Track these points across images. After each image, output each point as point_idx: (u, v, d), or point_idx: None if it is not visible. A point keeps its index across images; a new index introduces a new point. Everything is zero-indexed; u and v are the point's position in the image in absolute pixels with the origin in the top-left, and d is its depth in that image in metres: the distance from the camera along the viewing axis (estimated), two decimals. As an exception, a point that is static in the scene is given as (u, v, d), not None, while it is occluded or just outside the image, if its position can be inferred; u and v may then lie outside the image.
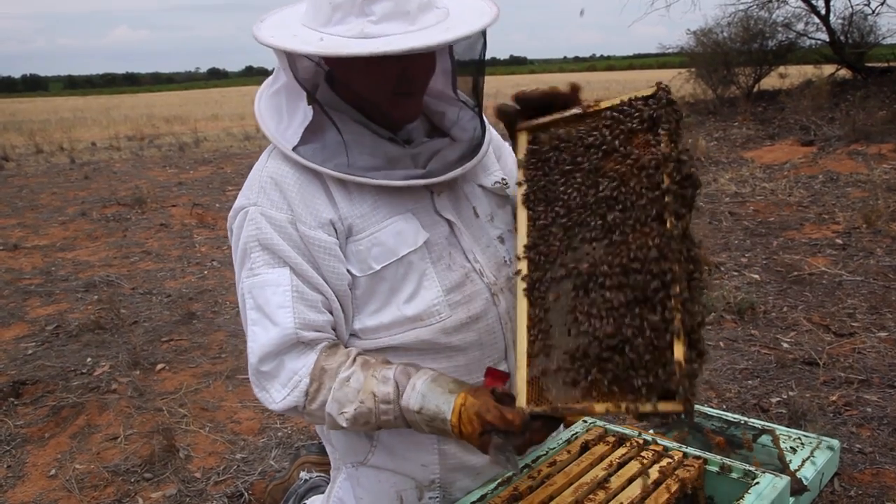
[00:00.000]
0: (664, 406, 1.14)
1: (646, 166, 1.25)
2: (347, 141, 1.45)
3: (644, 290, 1.20)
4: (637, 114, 1.31)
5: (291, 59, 1.42)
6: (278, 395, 1.45)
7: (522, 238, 1.42)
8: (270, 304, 1.43)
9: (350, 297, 1.50)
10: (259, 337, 1.44)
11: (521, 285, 1.40)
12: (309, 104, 1.46)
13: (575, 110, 1.40)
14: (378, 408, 1.40)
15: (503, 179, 1.68)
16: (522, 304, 1.39)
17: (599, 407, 1.20)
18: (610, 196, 1.29)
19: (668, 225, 1.18)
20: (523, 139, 1.48)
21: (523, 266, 1.41)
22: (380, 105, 1.47)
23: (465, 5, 1.47)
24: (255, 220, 1.45)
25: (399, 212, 1.49)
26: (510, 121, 1.50)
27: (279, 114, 1.50)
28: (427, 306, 1.49)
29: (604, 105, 1.37)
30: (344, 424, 1.43)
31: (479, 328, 1.55)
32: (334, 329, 1.51)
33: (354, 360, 1.46)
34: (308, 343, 1.45)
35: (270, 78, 1.55)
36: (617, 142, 1.31)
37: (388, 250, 1.47)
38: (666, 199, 1.20)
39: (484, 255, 1.58)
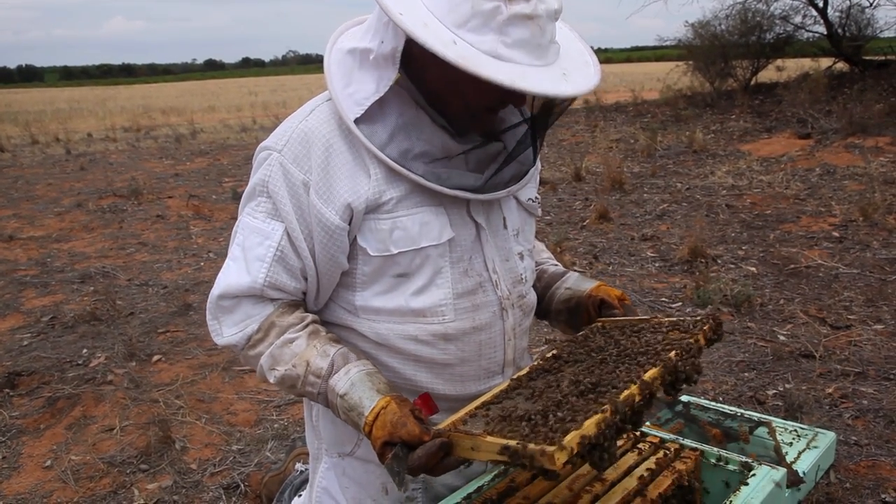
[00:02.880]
0: (539, 456, 1.11)
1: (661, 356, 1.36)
2: (410, 125, 1.41)
3: (596, 386, 1.29)
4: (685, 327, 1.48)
5: (407, 41, 1.33)
6: (228, 330, 1.50)
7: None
8: (252, 253, 1.46)
9: (334, 280, 1.50)
10: (230, 276, 1.47)
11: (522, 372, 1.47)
12: (395, 83, 1.39)
13: (644, 316, 1.59)
14: (306, 378, 1.42)
15: (536, 198, 1.67)
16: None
17: (490, 439, 1.19)
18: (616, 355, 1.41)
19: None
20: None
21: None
22: (463, 114, 1.42)
23: (568, 43, 1.43)
24: (273, 167, 1.44)
25: (431, 203, 1.46)
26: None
27: (349, 75, 1.44)
28: (433, 304, 1.48)
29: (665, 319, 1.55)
30: (270, 380, 1.47)
31: (480, 340, 1.53)
32: (304, 294, 1.52)
33: (306, 326, 1.47)
34: (271, 298, 1.48)
35: (349, 33, 1.50)
36: (655, 336, 1.46)
37: (409, 238, 1.44)
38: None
39: (503, 266, 1.56)
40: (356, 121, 1.40)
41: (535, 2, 1.28)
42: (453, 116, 1.44)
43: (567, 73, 1.34)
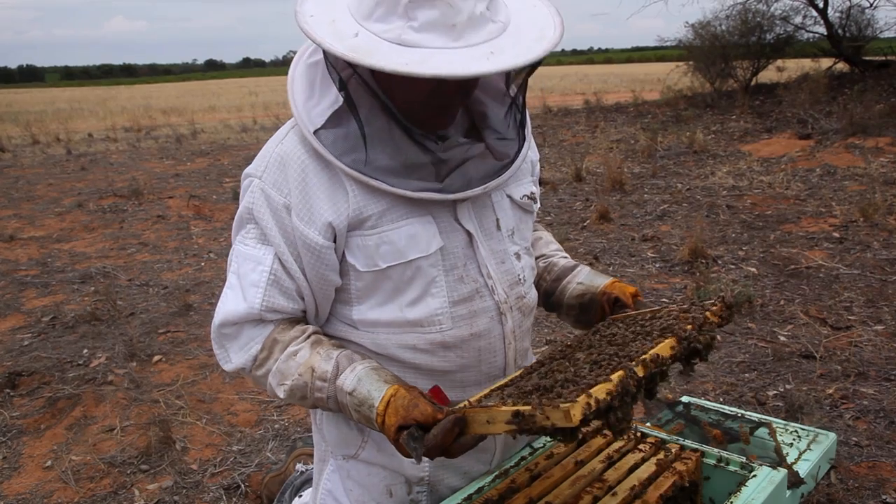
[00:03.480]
0: (555, 414, 1.11)
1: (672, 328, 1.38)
2: (370, 135, 1.37)
3: (608, 357, 1.29)
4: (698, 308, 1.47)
5: None
6: (235, 356, 1.50)
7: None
8: (246, 279, 1.46)
9: (329, 297, 1.51)
10: (228, 303, 1.48)
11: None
12: (339, 90, 1.38)
13: (653, 307, 1.59)
14: (314, 383, 1.41)
15: (532, 194, 1.64)
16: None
17: (505, 408, 1.19)
18: (629, 335, 1.40)
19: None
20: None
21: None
22: (412, 113, 1.39)
23: (527, 19, 1.36)
24: (256, 193, 1.45)
25: (417, 214, 1.44)
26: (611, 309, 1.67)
27: (311, 88, 1.44)
28: (430, 314, 1.47)
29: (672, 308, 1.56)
30: (281, 395, 1.46)
31: (479, 346, 1.53)
32: (304, 312, 1.52)
33: (308, 337, 1.47)
34: (270, 320, 1.49)
35: (313, 46, 1.48)
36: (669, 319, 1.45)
37: (396, 251, 1.43)
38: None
39: (498, 270, 1.53)
40: (316, 132, 1.39)
41: None
42: (408, 118, 1.40)
43: (497, 51, 1.27)
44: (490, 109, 1.53)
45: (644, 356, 1.23)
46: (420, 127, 1.41)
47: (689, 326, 1.34)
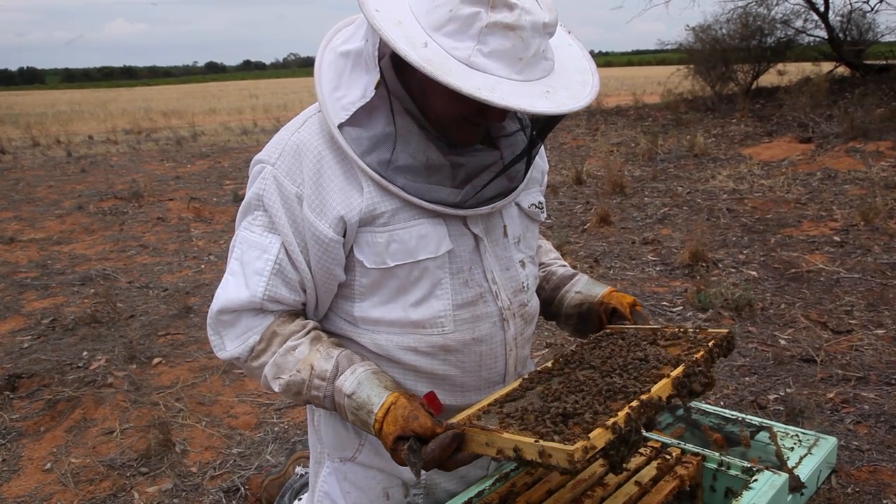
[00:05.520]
0: (557, 454, 1.12)
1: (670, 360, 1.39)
2: (398, 135, 1.38)
3: (616, 390, 1.30)
4: (694, 337, 1.49)
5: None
6: (230, 344, 1.48)
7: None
8: (250, 267, 1.45)
9: (331, 291, 1.50)
10: (229, 290, 1.46)
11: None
12: (376, 88, 1.37)
13: (654, 326, 1.60)
14: (311, 381, 1.40)
15: (540, 203, 1.65)
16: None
17: (507, 435, 1.19)
18: (629, 363, 1.41)
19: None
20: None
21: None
22: (443, 124, 1.41)
23: (567, 58, 1.40)
24: (268, 180, 1.43)
25: (428, 215, 1.44)
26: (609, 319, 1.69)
27: (339, 78, 1.42)
28: (433, 315, 1.47)
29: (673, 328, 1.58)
30: (276, 389, 1.45)
31: (481, 351, 1.52)
32: (304, 305, 1.51)
33: (308, 332, 1.46)
34: (270, 311, 1.47)
35: (343, 32, 1.46)
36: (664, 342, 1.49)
37: (406, 251, 1.42)
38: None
39: (503, 276, 1.53)
40: (340, 126, 1.38)
41: (519, 12, 1.24)
42: (433, 124, 1.42)
43: (552, 90, 1.29)
44: (509, 125, 1.55)
45: (644, 396, 1.23)
46: (445, 136, 1.43)
47: (682, 369, 1.34)
